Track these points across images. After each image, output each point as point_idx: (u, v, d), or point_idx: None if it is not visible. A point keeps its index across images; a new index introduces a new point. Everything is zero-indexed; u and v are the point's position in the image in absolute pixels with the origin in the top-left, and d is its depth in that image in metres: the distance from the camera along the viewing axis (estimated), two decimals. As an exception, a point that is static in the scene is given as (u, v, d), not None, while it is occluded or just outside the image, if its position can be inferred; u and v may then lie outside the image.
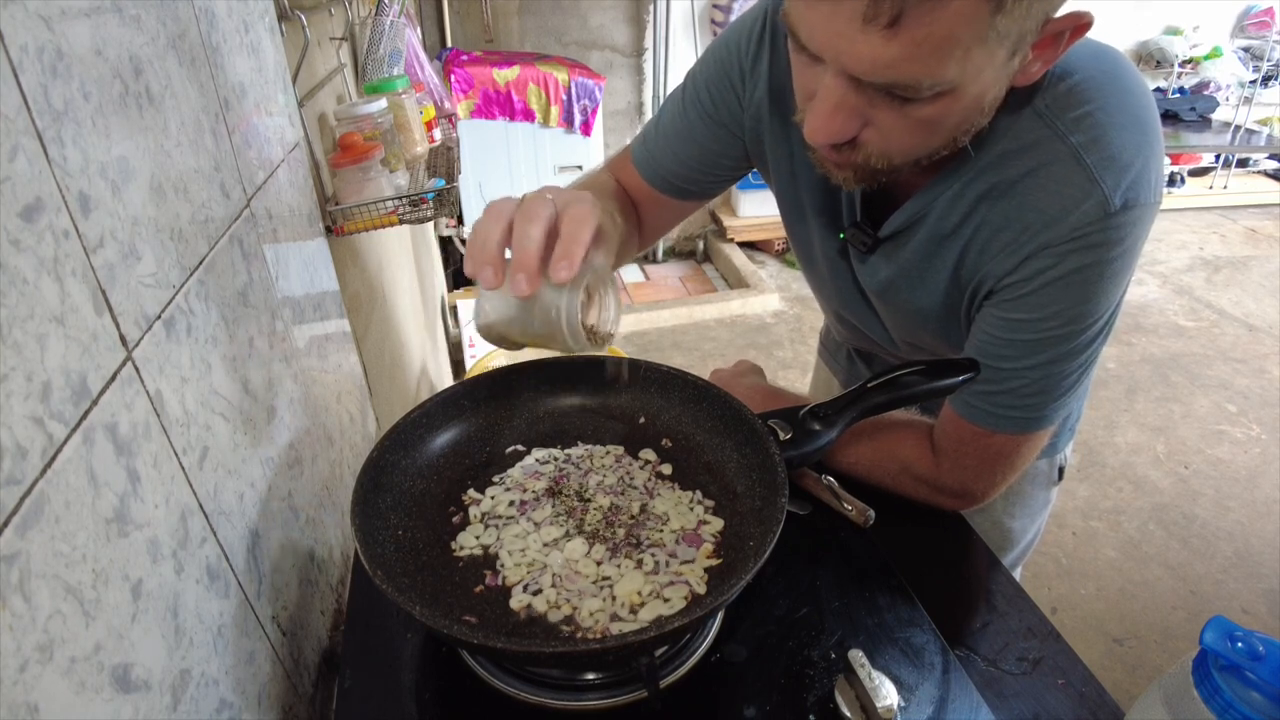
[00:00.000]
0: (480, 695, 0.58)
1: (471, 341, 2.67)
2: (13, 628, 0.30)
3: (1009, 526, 0.97)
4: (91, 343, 0.38)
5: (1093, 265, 0.63)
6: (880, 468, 0.79)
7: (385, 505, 0.63)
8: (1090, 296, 0.64)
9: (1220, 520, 2.21)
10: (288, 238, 0.76)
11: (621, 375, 0.76)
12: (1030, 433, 0.72)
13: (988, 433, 0.72)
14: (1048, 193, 0.63)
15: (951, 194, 0.68)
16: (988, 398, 0.71)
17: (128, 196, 0.44)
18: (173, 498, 0.45)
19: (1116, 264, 0.63)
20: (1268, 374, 2.88)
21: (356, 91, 1.38)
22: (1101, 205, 0.61)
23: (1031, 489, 0.96)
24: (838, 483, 0.75)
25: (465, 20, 3.22)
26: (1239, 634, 0.43)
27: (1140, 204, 0.62)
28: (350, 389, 0.97)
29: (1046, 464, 0.95)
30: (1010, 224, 0.65)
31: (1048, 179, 0.63)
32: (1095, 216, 0.61)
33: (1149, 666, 1.76)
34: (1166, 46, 4.01)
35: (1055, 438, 0.92)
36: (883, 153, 0.60)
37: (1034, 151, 0.63)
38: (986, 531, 0.84)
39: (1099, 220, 0.61)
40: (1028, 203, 0.64)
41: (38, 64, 0.36)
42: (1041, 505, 0.98)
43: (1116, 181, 0.61)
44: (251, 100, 0.70)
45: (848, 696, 0.54)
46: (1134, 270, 0.67)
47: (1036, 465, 0.94)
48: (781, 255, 3.94)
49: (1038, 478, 0.96)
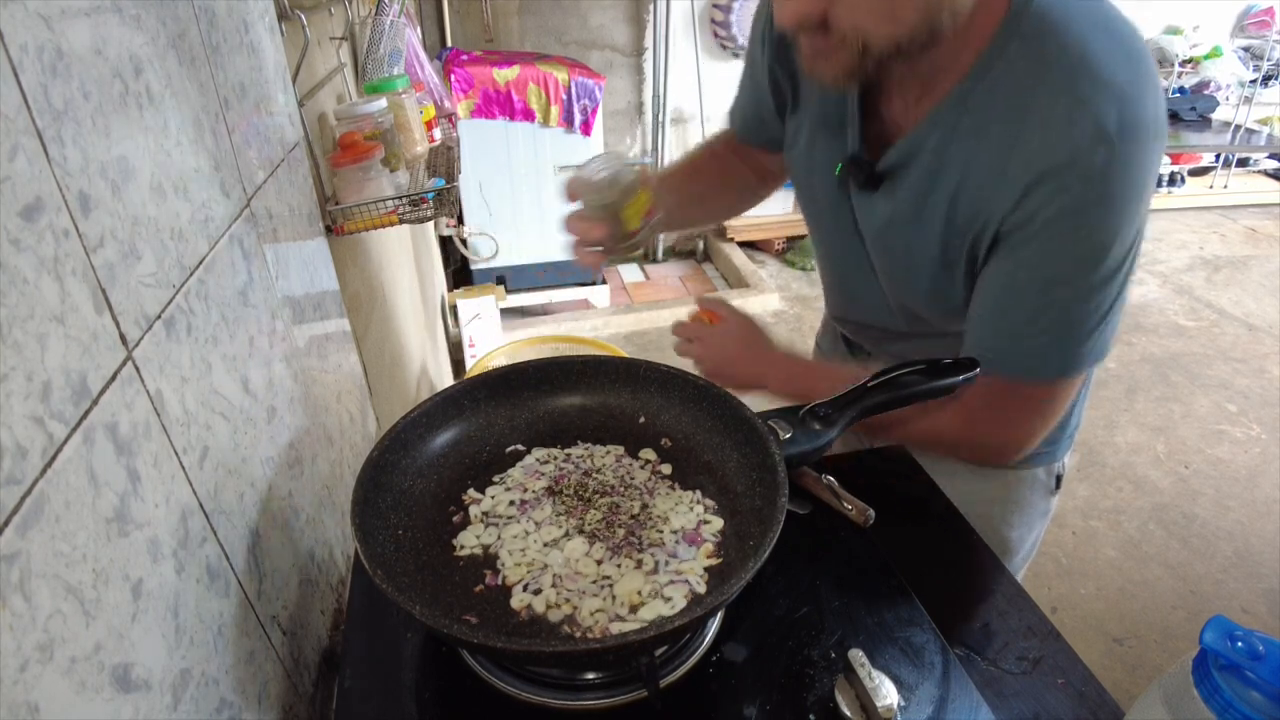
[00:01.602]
0: (480, 694, 0.58)
1: (471, 341, 2.67)
2: (13, 627, 0.30)
3: (1007, 536, 0.96)
4: (92, 342, 0.38)
5: (1096, 195, 0.61)
6: (924, 446, 0.81)
7: (385, 505, 0.63)
8: (1100, 227, 0.63)
9: (1220, 520, 2.21)
10: (288, 237, 0.76)
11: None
12: (1063, 378, 0.71)
13: (1018, 383, 0.71)
14: (1041, 121, 0.62)
15: (945, 127, 0.68)
16: (1014, 346, 0.70)
17: (128, 196, 0.44)
18: (173, 497, 0.45)
19: (1121, 193, 0.61)
20: (1268, 374, 2.88)
21: (356, 91, 1.37)
22: (1097, 130, 0.60)
23: (1030, 496, 0.95)
24: (837, 482, 0.75)
25: (465, 20, 3.22)
26: (1239, 633, 0.43)
27: (1139, 128, 0.60)
28: (350, 389, 0.97)
29: (1044, 472, 0.95)
30: (1004, 156, 0.64)
31: (1039, 108, 0.62)
32: (1091, 141, 0.60)
33: (1149, 666, 1.76)
34: (1166, 46, 4.01)
35: (1054, 445, 0.93)
36: (855, 31, 0.60)
37: (1024, 81, 0.63)
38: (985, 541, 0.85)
39: (1095, 145, 0.60)
40: (1021, 134, 0.63)
41: (38, 63, 0.36)
42: (1040, 514, 0.98)
43: (1110, 106, 0.60)
44: (251, 100, 0.70)
45: (848, 696, 0.54)
46: (1146, 204, 0.65)
47: (1035, 473, 0.94)
48: (782, 255, 3.94)
49: (1036, 486, 0.95)
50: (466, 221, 3.04)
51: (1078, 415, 0.95)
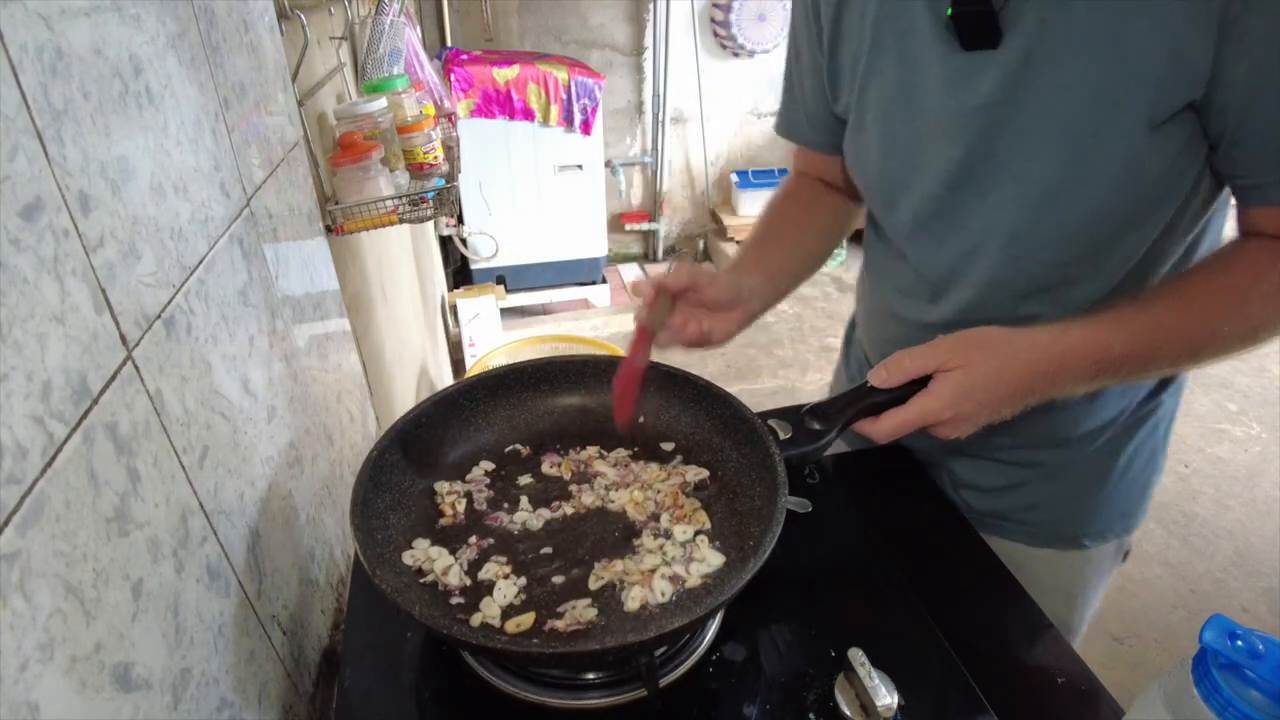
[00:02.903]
0: (480, 694, 0.58)
1: (471, 341, 2.67)
2: (13, 627, 0.30)
3: (1068, 620, 0.86)
4: (92, 342, 0.38)
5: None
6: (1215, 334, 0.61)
7: (385, 505, 0.63)
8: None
9: (1220, 519, 2.21)
10: (287, 237, 0.76)
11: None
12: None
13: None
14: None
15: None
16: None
17: (127, 196, 0.44)
18: (173, 497, 0.45)
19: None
20: (1268, 373, 2.88)
21: (356, 91, 1.37)
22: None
23: (1096, 577, 0.86)
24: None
25: (465, 19, 3.22)
26: (1239, 632, 0.43)
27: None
28: (350, 388, 0.97)
29: (1115, 547, 0.84)
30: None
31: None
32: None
33: (1149, 665, 1.76)
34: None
35: (1130, 518, 0.82)
36: None
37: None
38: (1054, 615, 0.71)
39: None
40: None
41: (38, 63, 0.36)
42: (1104, 582, 0.88)
43: None
44: (251, 99, 0.70)
45: (847, 695, 0.54)
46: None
47: (1103, 550, 0.84)
48: (781, 254, 3.94)
49: (1103, 563, 0.85)
50: (466, 221, 3.04)
51: (1159, 470, 0.84)
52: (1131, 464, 0.81)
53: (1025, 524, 0.84)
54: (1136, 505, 0.83)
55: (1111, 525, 0.83)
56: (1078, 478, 0.81)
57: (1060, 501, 0.82)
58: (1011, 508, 0.83)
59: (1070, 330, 0.61)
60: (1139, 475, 0.82)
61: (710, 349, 0.68)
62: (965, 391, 0.59)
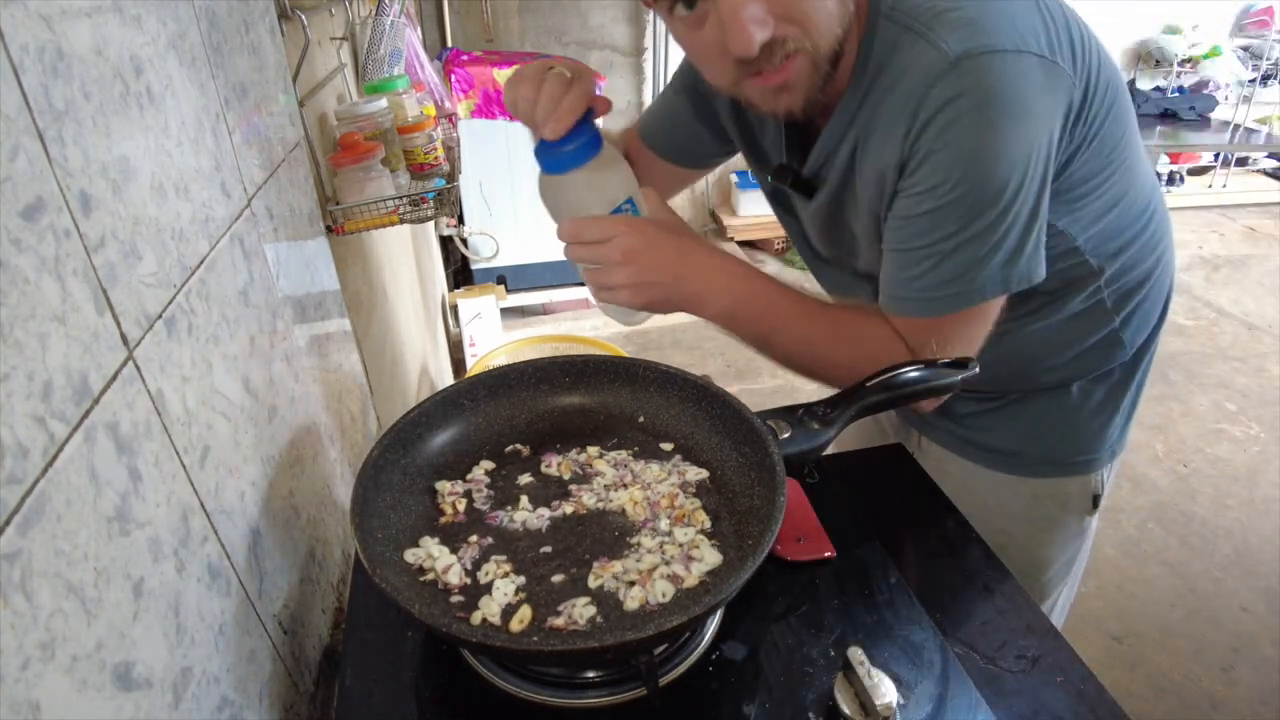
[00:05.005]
0: (480, 693, 0.58)
1: (471, 340, 2.67)
2: (14, 626, 0.30)
3: (1035, 552, 0.94)
4: (93, 342, 0.38)
5: (961, 119, 0.63)
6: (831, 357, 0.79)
7: (385, 504, 0.63)
8: (977, 152, 0.64)
9: (1219, 518, 2.21)
10: (288, 237, 0.76)
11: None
12: (974, 305, 0.72)
13: (931, 321, 0.73)
14: (908, 76, 0.66)
15: (847, 118, 0.73)
16: (914, 284, 0.71)
17: (129, 196, 0.44)
18: (174, 496, 0.45)
19: (986, 114, 0.63)
20: (1267, 372, 2.88)
21: (357, 91, 1.38)
22: (941, 58, 0.63)
23: (1059, 515, 0.94)
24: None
25: (465, 20, 3.22)
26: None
27: (986, 49, 0.62)
28: (351, 388, 0.97)
29: (1078, 485, 0.92)
30: (889, 117, 0.68)
31: (906, 66, 0.66)
32: (939, 71, 0.63)
33: (1148, 664, 1.76)
34: (1166, 45, 4.01)
35: (1094, 453, 0.91)
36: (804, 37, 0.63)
37: (896, 53, 0.67)
38: (1015, 564, 0.78)
39: (944, 74, 0.63)
40: (896, 93, 0.67)
41: (39, 64, 0.36)
42: (1074, 535, 0.95)
43: (950, 35, 0.63)
44: (252, 100, 0.71)
45: (847, 694, 0.54)
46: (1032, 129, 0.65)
47: (1066, 489, 0.92)
48: (782, 255, 3.94)
49: (1069, 502, 0.93)
50: (467, 221, 3.04)
51: (1117, 429, 0.92)
52: (1088, 400, 0.90)
53: (989, 449, 0.94)
54: (1093, 445, 0.91)
55: (1069, 457, 0.91)
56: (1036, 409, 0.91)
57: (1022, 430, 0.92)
58: (977, 430, 0.94)
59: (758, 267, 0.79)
60: (1094, 415, 0.90)
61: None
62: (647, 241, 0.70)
